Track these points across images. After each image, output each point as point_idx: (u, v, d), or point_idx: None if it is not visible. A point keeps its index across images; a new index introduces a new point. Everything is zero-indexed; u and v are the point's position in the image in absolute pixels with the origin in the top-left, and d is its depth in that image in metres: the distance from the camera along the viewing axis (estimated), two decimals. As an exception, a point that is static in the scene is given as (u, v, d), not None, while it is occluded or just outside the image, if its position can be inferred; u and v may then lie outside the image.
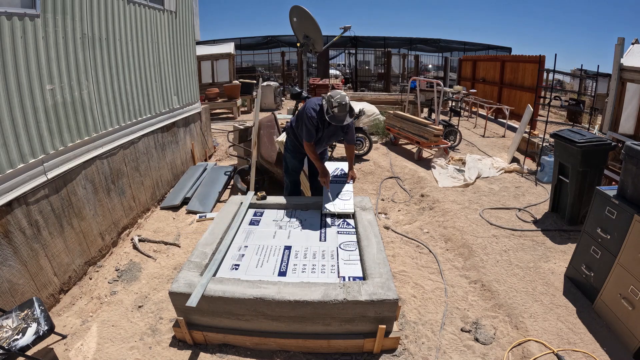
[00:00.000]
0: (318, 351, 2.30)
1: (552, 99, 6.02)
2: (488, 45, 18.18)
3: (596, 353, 2.28)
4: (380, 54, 17.39)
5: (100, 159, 3.45)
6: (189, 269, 2.42)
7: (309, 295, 2.15)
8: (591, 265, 2.71)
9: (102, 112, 3.48)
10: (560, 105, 7.91)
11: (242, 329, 2.31)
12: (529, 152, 6.13)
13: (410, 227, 4.07)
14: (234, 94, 10.09)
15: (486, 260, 3.27)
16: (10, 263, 2.44)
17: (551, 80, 7.29)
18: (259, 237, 2.94)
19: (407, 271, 3.19)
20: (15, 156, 2.50)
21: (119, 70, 3.75)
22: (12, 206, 2.48)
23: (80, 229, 3.15)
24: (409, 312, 2.70)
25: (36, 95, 2.66)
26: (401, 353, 2.33)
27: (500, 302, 2.75)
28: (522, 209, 4.27)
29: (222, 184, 4.83)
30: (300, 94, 5.70)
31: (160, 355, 2.32)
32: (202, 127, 6.11)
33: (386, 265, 2.43)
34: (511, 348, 2.36)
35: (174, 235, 3.85)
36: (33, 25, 2.60)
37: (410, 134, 6.42)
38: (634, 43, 5.08)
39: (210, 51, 11.69)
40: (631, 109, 5.00)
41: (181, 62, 5.27)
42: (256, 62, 19.17)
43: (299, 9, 5.93)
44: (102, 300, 2.89)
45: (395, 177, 5.48)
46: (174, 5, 4.95)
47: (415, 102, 8.35)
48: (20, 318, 2.12)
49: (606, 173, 4.42)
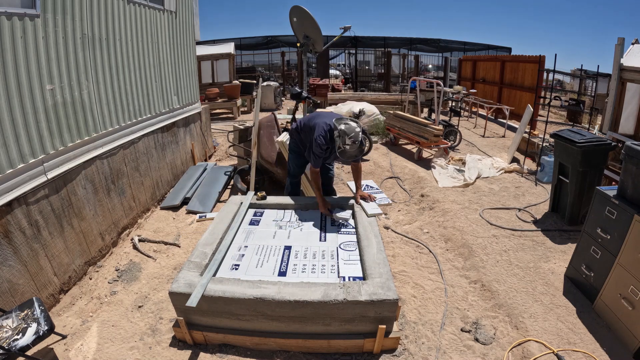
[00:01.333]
0: (318, 351, 2.30)
1: (552, 99, 6.01)
2: (488, 45, 18.18)
3: (596, 353, 2.28)
4: (380, 54, 17.39)
5: (100, 159, 3.45)
6: (189, 269, 2.42)
7: (309, 295, 2.15)
8: (591, 265, 2.71)
9: (102, 112, 3.48)
10: (560, 105, 7.90)
11: (242, 329, 2.31)
12: (529, 152, 6.13)
13: (410, 227, 4.07)
14: (234, 94, 10.09)
15: (486, 260, 3.27)
16: (10, 263, 2.44)
17: (551, 80, 7.28)
18: (259, 237, 2.94)
19: (407, 271, 3.19)
20: (15, 156, 2.50)
21: (119, 70, 3.75)
22: (12, 206, 2.48)
23: (80, 229, 3.15)
24: (409, 312, 2.70)
25: (36, 95, 2.66)
26: (401, 353, 2.32)
27: (500, 302, 2.75)
28: (522, 209, 4.27)
29: (222, 184, 4.83)
30: (300, 94, 5.69)
31: (160, 355, 2.32)
32: (202, 127, 6.11)
33: (386, 265, 2.43)
34: (511, 348, 2.36)
35: (174, 235, 3.85)
36: (33, 25, 2.60)
37: (410, 134, 6.42)
38: (634, 43, 5.07)
39: (210, 51, 11.69)
40: (631, 109, 5.00)
41: (181, 62, 5.27)
42: (256, 62, 19.18)
43: (299, 9, 5.93)
44: (102, 300, 2.89)
45: (395, 177, 5.48)
46: (174, 5, 4.95)
47: (415, 102, 8.35)
48: (20, 318, 2.12)
49: (606, 173, 4.42)
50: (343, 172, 5.67)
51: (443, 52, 18.18)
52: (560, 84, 16.22)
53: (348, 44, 16.41)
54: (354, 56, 17.00)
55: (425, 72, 18.95)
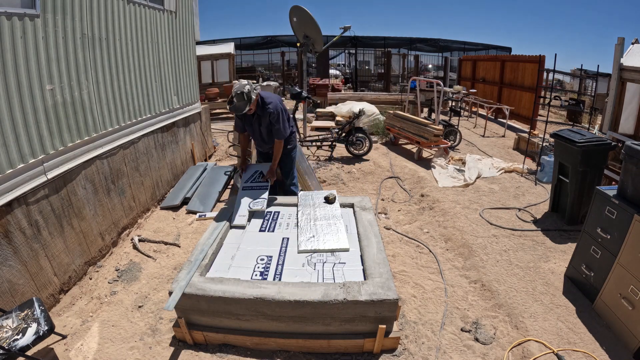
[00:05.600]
0: (318, 351, 2.30)
1: (552, 99, 6.01)
2: (488, 45, 18.19)
3: (596, 353, 2.28)
4: (380, 54, 17.39)
5: (100, 159, 3.45)
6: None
7: (309, 295, 2.15)
8: (591, 265, 2.71)
9: (102, 112, 3.48)
10: (560, 105, 7.92)
11: (242, 329, 2.31)
12: (529, 152, 6.13)
13: (410, 227, 4.07)
14: (234, 94, 10.07)
15: (486, 260, 3.27)
16: (10, 263, 2.44)
17: (551, 80, 7.28)
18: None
19: (407, 271, 3.19)
20: (15, 156, 2.50)
21: (119, 70, 3.75)
22: (12, 206, 2.48)
23: (80, 229, 3.15)
24: (409, 312, 2.70)
25: (36, 96, 2.66)
26: (401, 353, 2.33)
27: (500, 302, 2.75)
28: (522, 209, 4.27)
29: (222, 184, 4.83)
30: (300, 93, 5.70)
31: (160, 355, 2.32)
32: (202, 127, 6.11)
33: (386, 265, 2.43)
34: (511, 348, 2.36)
35: (174, 235, 3.85)
36: (33, 26, 2.60)
37: (410, 134, 6.42)
38: (634, 43, 5.07)
39: (210, 51, 11.69)
40: (631, 109, 4.99)
41: (181, 62, 5.27)
42: (256, 62, 19.20)
43: (299, 9, 5.93)
44: (102, 300, 2.89)
45: (395, 177, 5.48)
46: (174, 5, 4.95)
47: (415, 102, 8.35)
48: (20, 318, 2.12)
49: (606, 173, 4.42)
50: (343, 172, 5.67)
51: (443, 52, 18.19)
52: (560, 83, 16.23)
53: (348, 44, 16.42)
54: (354, 56, 17.01)
55: (425, 72, 18.95)
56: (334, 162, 6.15)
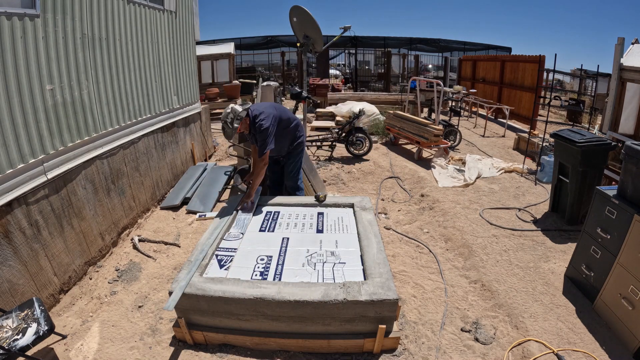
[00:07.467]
0: (318, 351, 2.30)
1: (552, 99, 6.01)
2: (488, 45, 18.18)
3: (596, 353, 2.28)
4: (380, 54, 17.40)
5: (100, 159, 3.45)
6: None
7: (309, 295, 2.15)
8: (591, 265, 2.71)
9: (102, 112, 3.48)
10: (560, 105, 7.92)
11: (242, 329, 2.31)
12: (529, 152, 6.13)
13: (410, 227, 4.07)
14: (234, 94, 10.09)
15: (486, 260, 3.27)
16: (10, 263, 2.44)
17: (551, 80, 7.28)
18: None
19: (407, 271, 3.19)
20: (15, 156, 2.50)
21: (119, 70, 3.75)
22: (12, 206, 2.48)
23: (80, 229, 3.15)
24: (409, 312, 2.70)
25: (36, 96, 2.66)
26: (401, 353, 2.33)
27: (500, 302, 2.75)
28: (522, 209, 4.27)
29: (222, 184, 4.83)
30: (300, 94, 5.70)
31: (160, 355, 2.32)
32: (202, 127, 6.11)
33: (386, 265, 2.43)
34: (511, 348, 2.36)
35: (174, 235, 3.85)
36: (33, 25, 2.60)
37: (410, 134, 6.42)
38: (634, 43, 5.07)
39: (210, 51, 11.69)
40: (631, 109, 4.99)
41: (181, 62, 5.27)
42: (256, 62, 19.20)
43: (299, 9, 5.92)
44: (102, 300, 2.89)
45: (395, 177, 5.48)
46: (174, 5, 4.95)
47: (415, 102, 8.36)
48: (20, 318, 2.12)
49: (606, 173, 4.42)
50: (343, 172, 5.67)
51: (443, 52, 18.18)
52: (560, 83, 16.24)
53: (348, 44, 16.43)
54: (354, 56, 17.01)
55: (425, 72, 18.95)
56: (334, 162, 6.16)
